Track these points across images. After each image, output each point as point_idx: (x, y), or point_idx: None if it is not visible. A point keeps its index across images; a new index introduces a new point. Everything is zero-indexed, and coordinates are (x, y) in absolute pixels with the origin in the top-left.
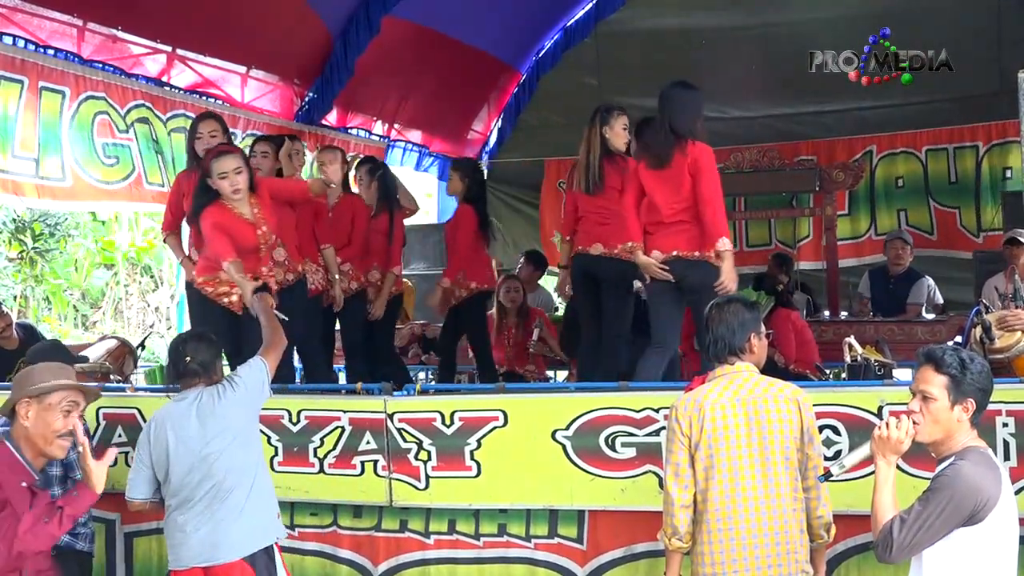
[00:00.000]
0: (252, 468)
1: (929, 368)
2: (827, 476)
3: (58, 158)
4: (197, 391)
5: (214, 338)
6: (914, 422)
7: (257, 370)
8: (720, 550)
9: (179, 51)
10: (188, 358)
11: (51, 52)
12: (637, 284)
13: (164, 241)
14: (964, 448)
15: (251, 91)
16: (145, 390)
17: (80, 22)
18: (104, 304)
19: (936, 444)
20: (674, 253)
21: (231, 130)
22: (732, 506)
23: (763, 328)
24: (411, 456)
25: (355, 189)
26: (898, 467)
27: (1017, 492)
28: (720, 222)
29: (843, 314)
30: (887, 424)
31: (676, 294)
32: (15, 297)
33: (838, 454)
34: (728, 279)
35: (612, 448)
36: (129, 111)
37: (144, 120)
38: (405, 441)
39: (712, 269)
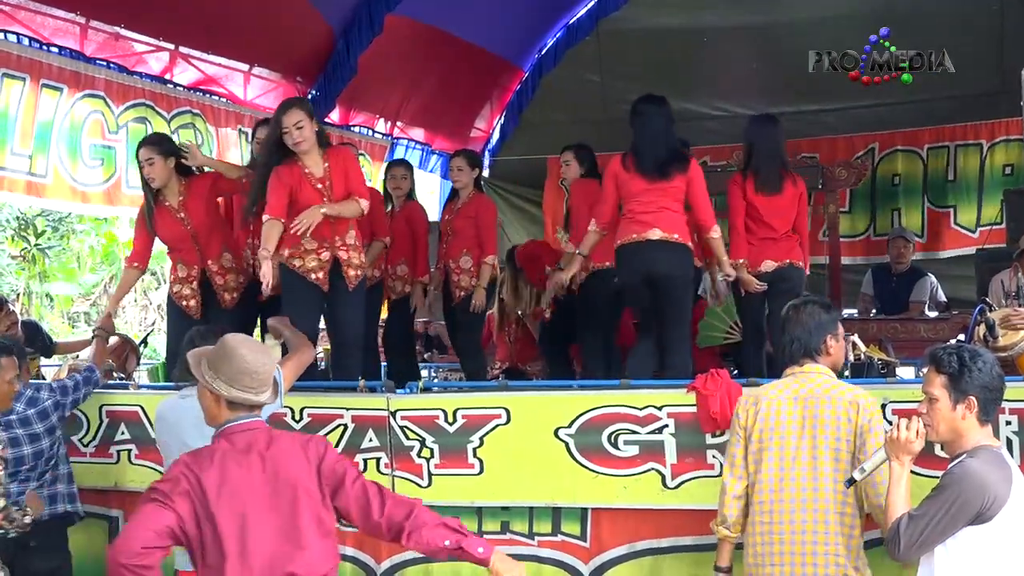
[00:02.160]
0: None
1: (931, 369)
2: (851, 482)
3: (44, 156)
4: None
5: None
6: (925, 423)
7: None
8: (761, 542)
9: (182, 49)
10: None
11: (54, 50)
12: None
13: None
14: (976, 446)
15: (254, 89)
16: (148, 387)
17: (83, 20)
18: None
19: (947, 443)
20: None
21: (239, 127)
22: (776, 502)
23: (840, 329)
24: (414, 454)
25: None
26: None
27: None
28: None
29: (845, 312)
30: (897, 426)
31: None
32: (18, 295)
33: None
34: None
35: (615, 446)
36: (125, 111)
37: (142, 120)
38: (408, 439)
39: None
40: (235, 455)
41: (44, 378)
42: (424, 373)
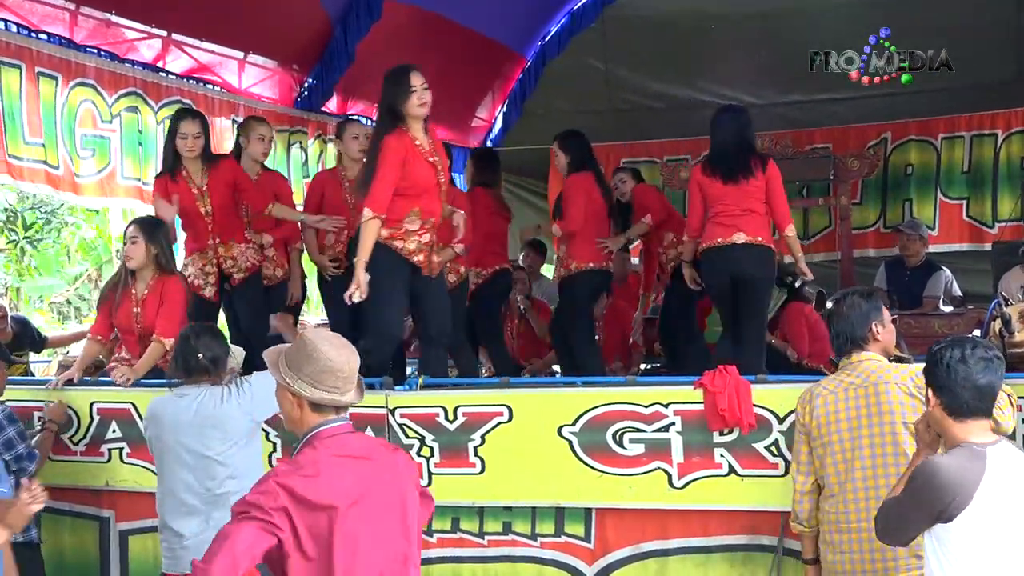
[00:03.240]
0: (254, 472)
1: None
2: None
3: (54, 147)
4: (200, 389)
5: (223, 334)
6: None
7: (270, 383)
8: (831, 531)
9: (175, 36)
10: (200, 354)
11: (43, 37)
12: None
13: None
14: (957, 443)
15: (249, 77)
16: (140, 384)
17: (72, 6)
18: (93, 295)
19: (943, 439)
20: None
21: (233, 117)
22: (844, 491)
23: (885, 314)
24: (413, 452)
25: None
26: None
27: None
28: None
29: None
30: (920, 419)
31: None
32: (7, 288)
33: None
34: None
35: (620, 444)
36: (118, 99)
37: (133, 109)
38: (407, 437)
39: None
40: (334, 463)
41: (34, 374)
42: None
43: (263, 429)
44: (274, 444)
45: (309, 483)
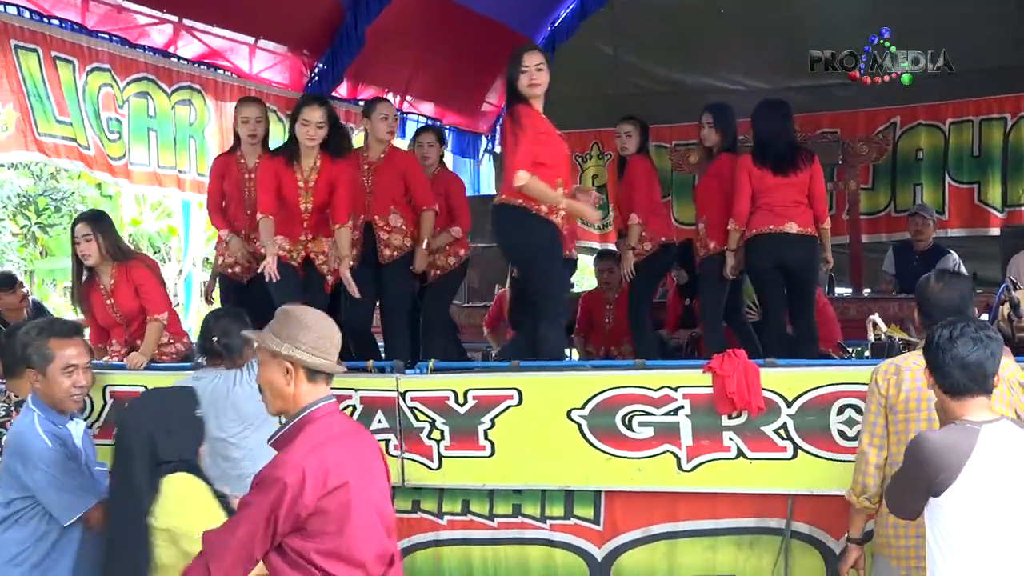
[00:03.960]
0: (269, 453)
1: None
2: None
3: (82, 127)
4: (215, 373)
5: (246, 320)
6: None
7: None
8: (895, 519)
9: (186, 21)
10: (215, 337)
11: (56, 22)
12: None
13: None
14: (952, 420)
15: (259, 62)
16: (152, 368)
17: None
18: None
19: (944, 417)
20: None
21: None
22: None
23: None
24: (423, 435)
25: None
26: None
27: None
28: None
29: (865, 292)
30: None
31: None
32: (21, 273)
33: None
34: None
35: (629, 427)
36: (128, 84)
37: (143, 95)
38: (417, 420)
39: None
40: (340, 442)
41: None
42: None
43: None
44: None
45: (327, 462)
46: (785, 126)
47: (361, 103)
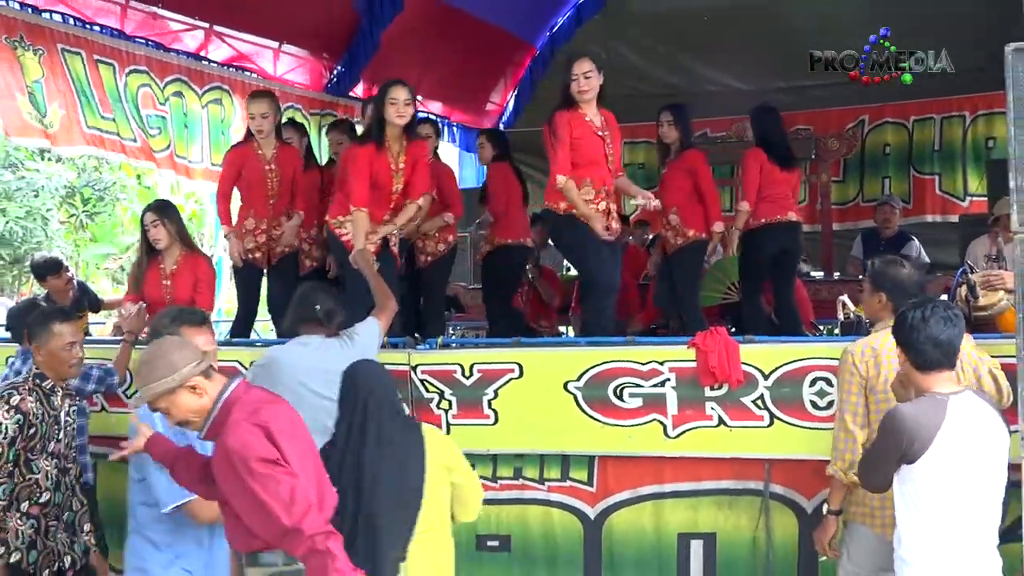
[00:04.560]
0: None
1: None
2: None
3: (126, 122)
4: (319, 339)
5: (335, 291)
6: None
7: (374, 331)
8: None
9: (216, 27)
10: (318, 306)
11: (97, 28)
12: None
13: None
14: (923, 393)
15: (283, 65)
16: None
17: (122, 0)
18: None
19: (914, 392)
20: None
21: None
22: None
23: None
24: (433, 405)
25: None
26: None
27: None
28: None
29: (836, 275)
30: (895, 377)
31: None
32: (68, 257)
33: (830, 404)
34: None
35: (620, 398)
36: (167, 85)
37: (179, 94)
38: (427, 391)
39: None
40: (272, 407)
41: (91, 334)
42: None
43: None
44: None
45: (277, 425)
46: (782, 126)
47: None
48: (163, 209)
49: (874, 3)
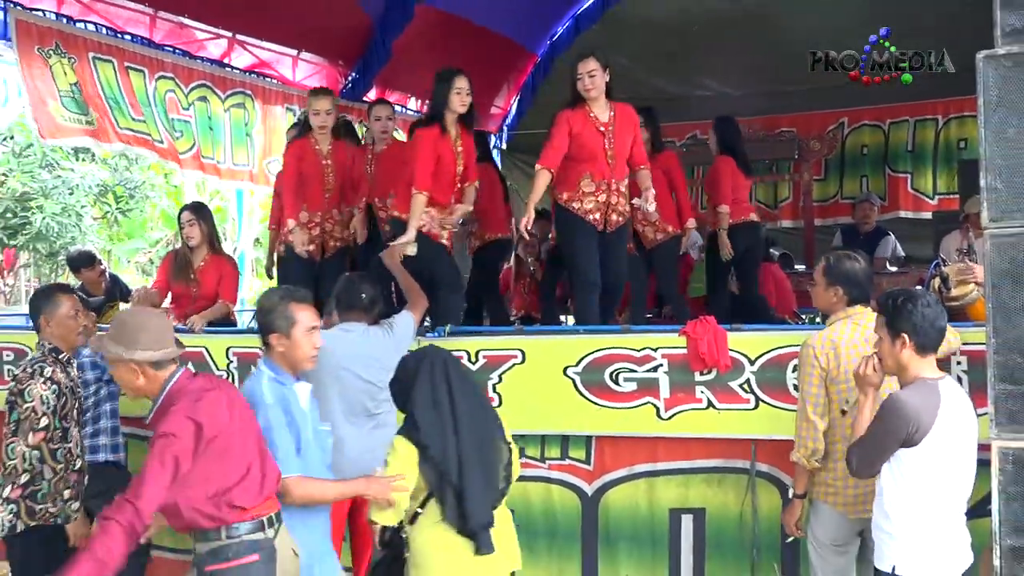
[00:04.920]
0: (392, 402)
1: (877, 312)
2: (844, 412)
3: (154, 124)
4: (362, 327)
5: (376, 280)
6: (879, 359)
7: (409, 323)
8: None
9: (238, 36)
10: (364, 295)
11: (128, 37)
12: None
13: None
14: (914, 379)
15: (301, 71)
16: (209, 331)
17: (151, 11)
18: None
19: (897, 376)
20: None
21: (288, 106)
22: None
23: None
24: None
25: None
26: None
27: None
28: None
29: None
30: (860, 364)
31: None
32: (100, 251)
33: None
34: None
35: (615, 382)
36: (192, 90)
37: (204, 99)
38: None
39: None
40: (211, 399)
41: None
42: None
43: None
44: None
45: (210, 416)
46: (741, 135)
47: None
48: (199, 210)
49: (849, 16)
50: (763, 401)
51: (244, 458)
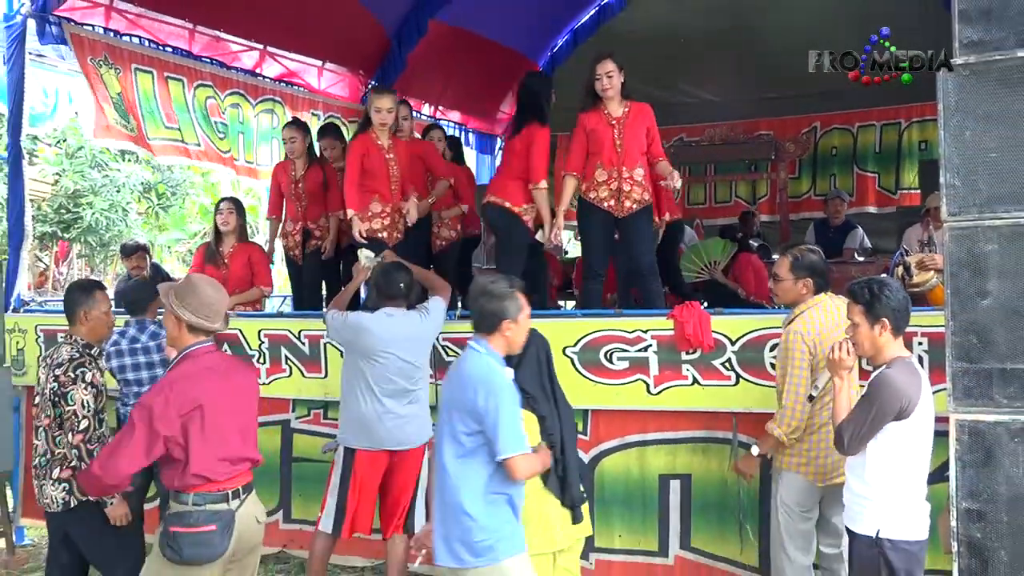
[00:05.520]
0: (427, 379)
1: (850, 301)
2: (810, 398)
3: (191, 129)
4: (402, 311)
5: (410, 268)
6: (853, 344)
7: (441, 307)
8: (824, 447)
9: (269, 48)
10: (401, 284)
11: (168, 49)
12: None
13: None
14: (892, 359)
15: (326, 80)
16: (241, 315)
17: (190, 25)
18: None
19: (871, 358)
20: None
21: (313, 111)
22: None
23: None
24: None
25: None
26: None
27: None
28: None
29: None
30: (833, 348)
31: None
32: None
33: None
34: None
35: (610, 361)
36: (227, 97)
37: (236, 106)
38: (448, 356)
39: None
40: (204, 373)
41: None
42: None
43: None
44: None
45: (187, 386)
46: None
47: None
48: (236, 202)
49: (825, 30)
50: (743, 378)
51: (222, 436)
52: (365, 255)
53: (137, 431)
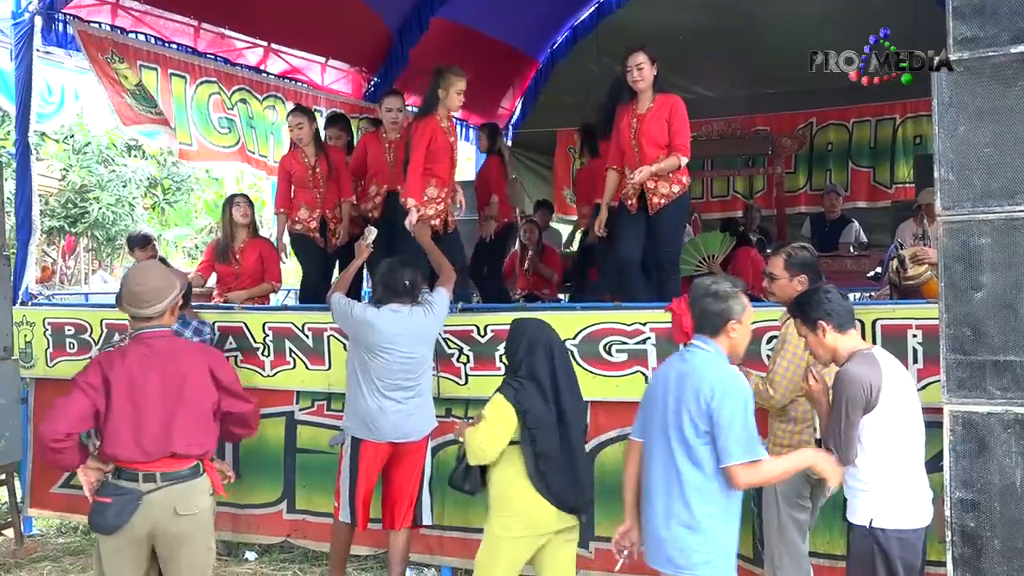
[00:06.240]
0: (429, 372)
1: (793, 318)
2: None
3: (186, 128)
4: (407, 307)
5: (418, 265)
6: (814, 357)
7: (445, 299)
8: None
9: (273, 45)
10: (406, 281)
11: (173, 46)
12: None
13: None
14: (849, 354)
15: (329, 76)
16: (248, 308)
17: (195, 23)
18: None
19: (835, 362)
20: None
21: (316, 108)
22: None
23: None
24: (454, 359)
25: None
26: None
27: (924, 387)
28: None
29: None
30: (805, 380)
31: None
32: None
33: None
34: None
35: (609, 353)
36: (233, 93)
37: (244, 101)
38: (449, 348)
39: None
40: (138, 356)
41: None
42: None
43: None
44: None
45: (118, 370)
46: None
47: (407, 108)
48: (249, 199)
49: (820, 29)
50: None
51: (140, 421)
52: (371, 231)
53: (71, 393)
